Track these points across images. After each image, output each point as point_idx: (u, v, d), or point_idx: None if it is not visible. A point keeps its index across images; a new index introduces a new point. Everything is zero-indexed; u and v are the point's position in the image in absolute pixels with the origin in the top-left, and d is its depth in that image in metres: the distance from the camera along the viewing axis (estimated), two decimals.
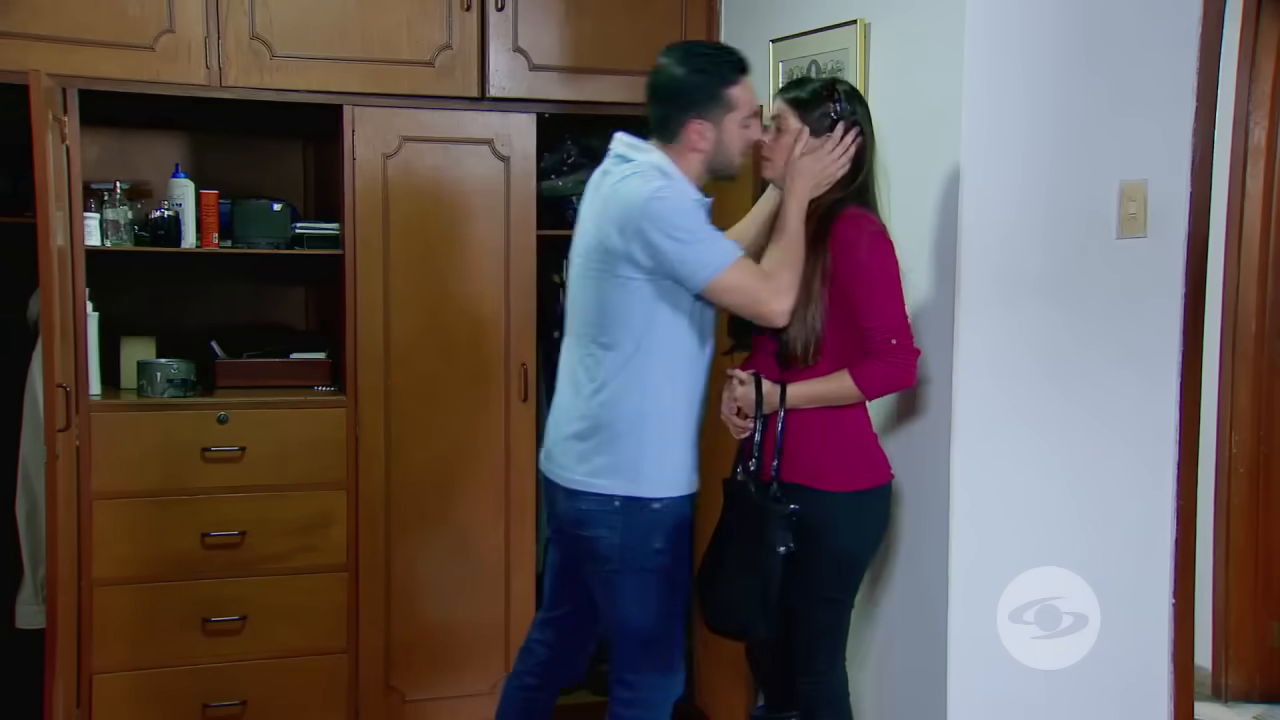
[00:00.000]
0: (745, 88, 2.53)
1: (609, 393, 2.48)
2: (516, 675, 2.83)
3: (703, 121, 2.49)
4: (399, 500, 3.42)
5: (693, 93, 2.49)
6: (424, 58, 3.33)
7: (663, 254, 2.39)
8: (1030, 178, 2.70)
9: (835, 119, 2.55)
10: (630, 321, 2.45)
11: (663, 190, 2.42)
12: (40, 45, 2.95)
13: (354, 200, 3.31)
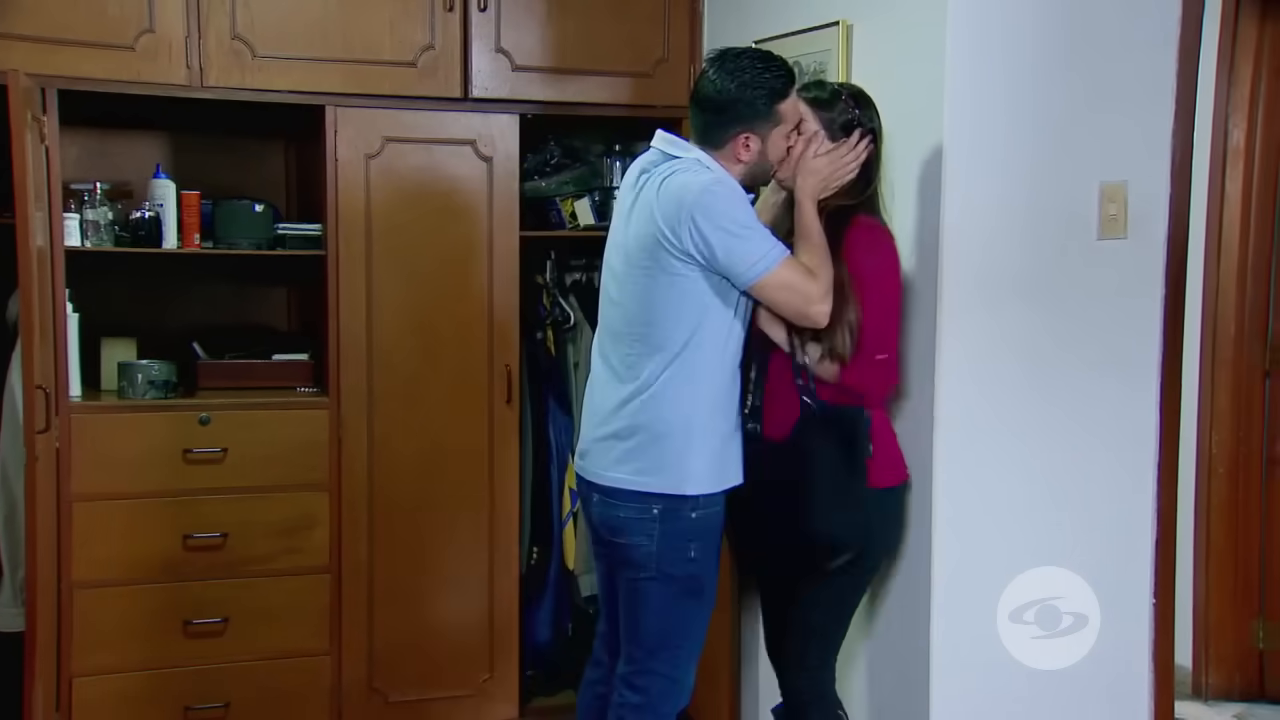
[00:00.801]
0: (793, 101, 2.53)
1: (654, 391, 2.46)
2: (589, 684, 2.80)
3: (751, 135, 2.48)
4: (382, 502, 3.41)
5: (743, 107, 2.47)
6: (406, 58, 3.32)
7: (715, 247, 2.38)
8: (1011, 179, 2.70)
9: (853, 123, 2.59)
10: (681, 318, 2.44)
11: (715, 184, 2.42)
12: (19, 45, 2.93)
13: (336, 201, 3.30)
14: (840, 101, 2.60)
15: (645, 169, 2.55)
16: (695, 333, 2.44)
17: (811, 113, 2.59)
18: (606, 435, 2.53)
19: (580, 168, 3.75)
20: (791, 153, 2.56)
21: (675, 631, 2.55)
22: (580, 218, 3.69)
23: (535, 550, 3.68)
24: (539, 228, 3.61)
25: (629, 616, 2.57)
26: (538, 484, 3.67)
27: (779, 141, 2.52)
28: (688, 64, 3.56)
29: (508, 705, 3.57)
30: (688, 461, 2.46)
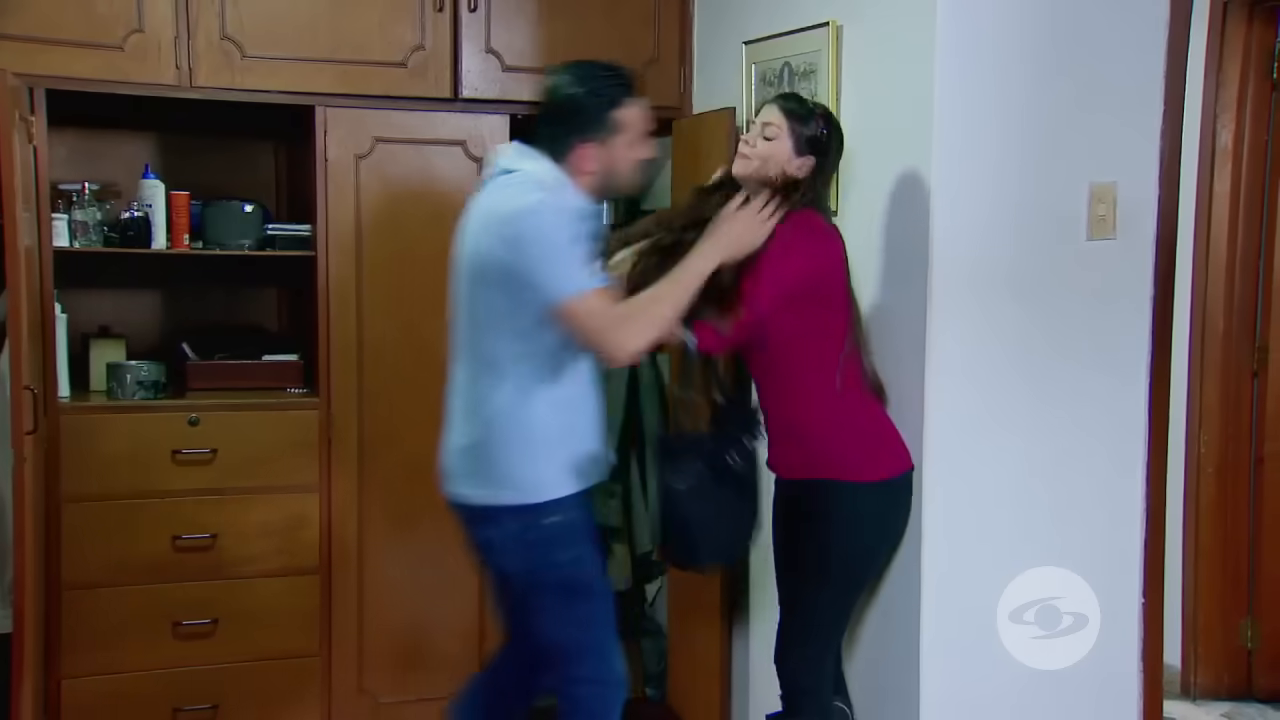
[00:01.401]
0: (634, 109, 2.51)
1: (492, 406, 2.46)
2: (476, 684, 2.83)
3: (589, 144, 2.47)
4: (372, 503, 3.41)
5: (580, 115, 2.46)
6: (396, 58, 3.32)
7: (525, 268, 2.36)
8: (1001, 180, 2.71)
9: (820, 141, 2.61)
10: (507, 333, 2.43)
11: (538, 204, 2.38)
12: (7, 44, 2.92)
13: (326, 201, 3.30)
14: (814, 118, 2.62)
15: (486, 183, 2.56)
16: (526, 347, 2.43)
17: (788, 122, 2.61)
18: (455, 453, 2.55)
19: None
20: (758, 156, 2.59)
21: (575, 637, 2.54)
22: None
23: None
24: None
25: (530, 632, 2.59)
26: None
27: (622, 152, 2.51)
28: (678, 64, 3.57)
29: None
30: (530, 471, 2.46)
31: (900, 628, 2.73)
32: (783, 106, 2.64)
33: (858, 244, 2.89)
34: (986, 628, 2.74)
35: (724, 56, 3.41)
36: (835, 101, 2.93)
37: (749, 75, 3.27)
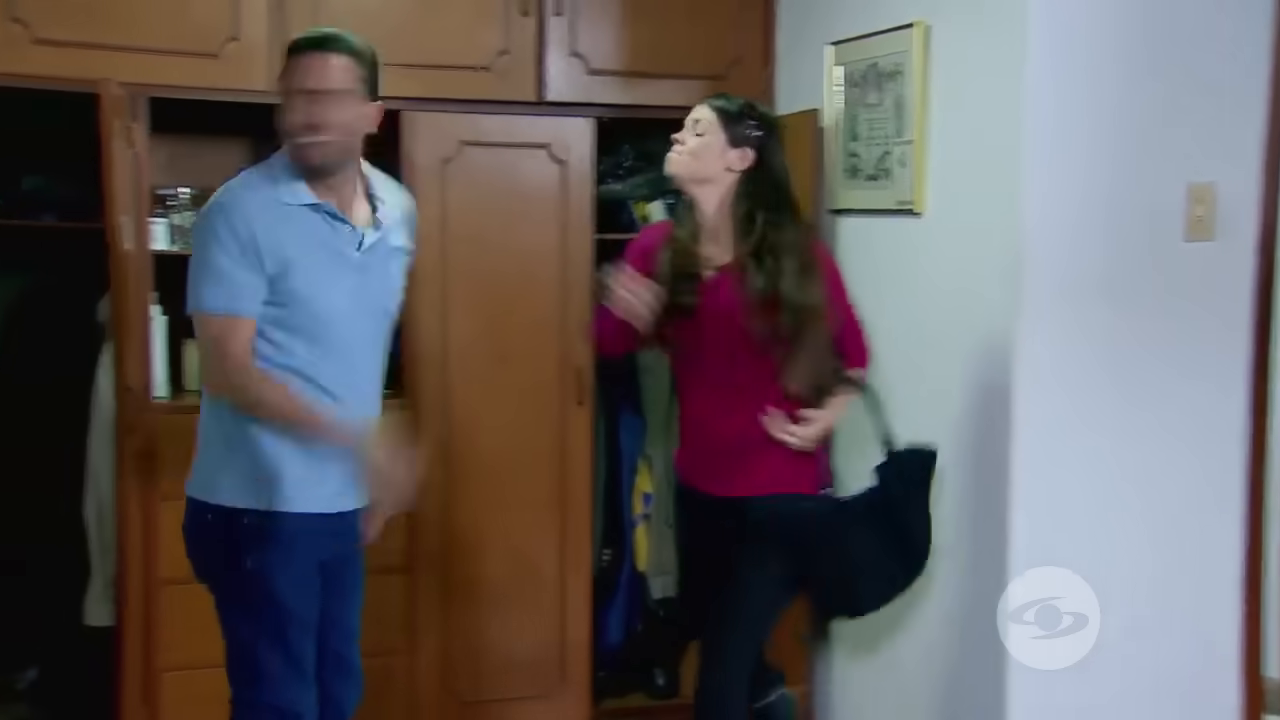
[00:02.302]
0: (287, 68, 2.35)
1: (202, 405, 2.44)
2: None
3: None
4: (456, 503, 3.43)
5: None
6: (482, 63, 3.35)
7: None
8: (1094, 180, 2.67)
9: (754, 138, 2.61)
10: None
11: (211, 205, 2.31)
12: (111, 55, 2.99)
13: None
14: (745, 116, 2.63)
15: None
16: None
17: (719, 121, 2.62)
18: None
19: (654, 170, 3.74)
20: (689, 153, 2.62)
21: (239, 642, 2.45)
22: (653, 220, 3.69)
23: (607, 552, 3.69)
24: (612, 230, 3.61)
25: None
26: (609, 485, 3.69)
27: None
28: (762, 66, 3.56)
29: (579, 706, 3.58)
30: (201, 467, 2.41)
31: (985, 637, 2.70)
32: (711, 104, 2.67)
33: (945, 244, 2.88)
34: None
35: (808, 58, 3.39)
36: (922, 103, 2.92)
37: (834, 77, 3.26)
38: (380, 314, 2.47)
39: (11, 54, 2.97)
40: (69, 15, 3.00)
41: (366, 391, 2.43)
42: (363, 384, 2.42)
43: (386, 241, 2.44)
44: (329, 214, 2.33)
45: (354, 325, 2.36)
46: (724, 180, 2.62)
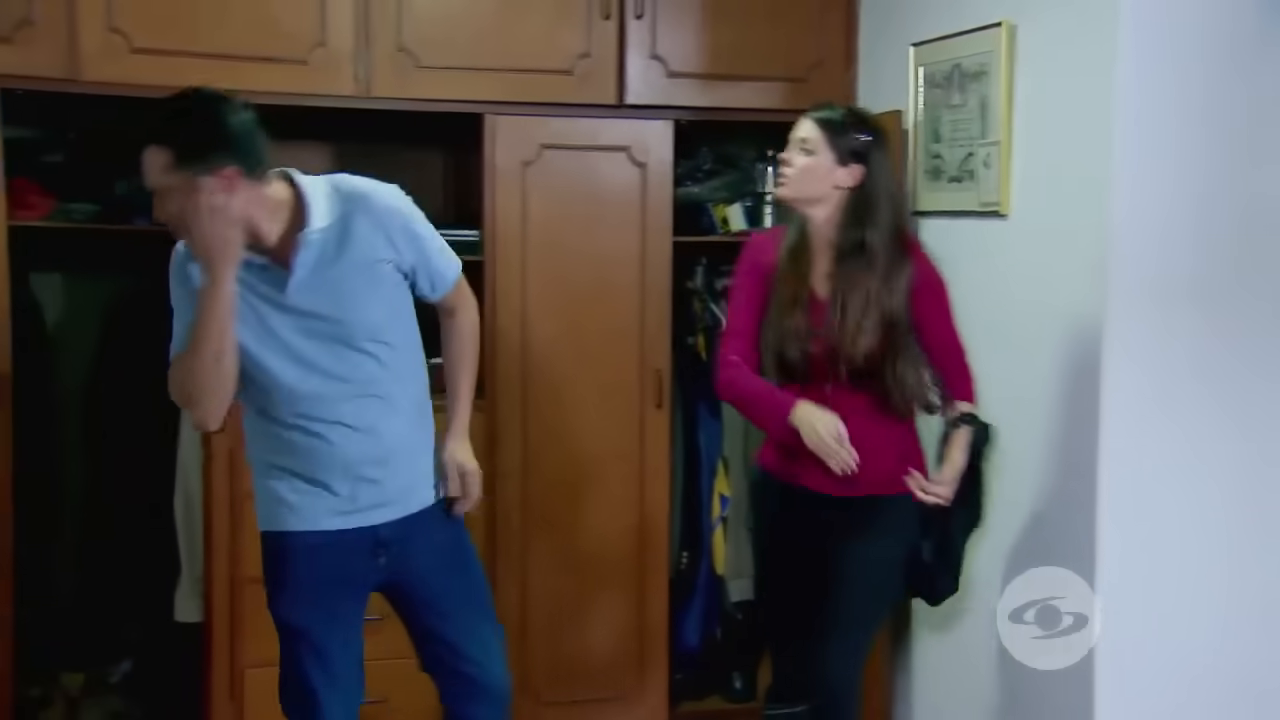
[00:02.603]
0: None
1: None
2: None
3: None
4: (535, 504, 3.46)
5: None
6: (563, 66, 3.37)
7: None
8: (1185, 181, 2.63)
9: (860, 151, 2.56)
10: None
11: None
12: (200, 62, 3.05)
13: (494, 208, 3.36)
14: (850, 126, 2.59)
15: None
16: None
17: (823, 136, 2.59)
18: None
19: (733, 173, 3.75)
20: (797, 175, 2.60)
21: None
22: (732, 223, 3.69)
23: (685, 554, 3.69)
24: (691, 233, 3.62)
25: None
26: (687, 488, 3.69)
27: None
28: (843, 68, 3.54)
29: (656, 709, 3.58)
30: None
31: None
32: (815, 118, 2.61)
33: (1031, 248, 2.85)
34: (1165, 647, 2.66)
35: (890, 59, 3.37)
36: (1008, 103, 2.89)
37: (917, 78, 3.23)
38: (354, 338, 2.30)
39: (112, 63, 3.05)
40: (164, 25, 3.07)
41: (370, 416, 2.33)
42: (356, 411, 2.32)
43: (337, 264, 2.27)
44: (246, 264, 2.23)
45: (313, 362, 2.28)
46: (834, 197, 2.59)
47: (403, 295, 2.40)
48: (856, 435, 2.55)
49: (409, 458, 2.41)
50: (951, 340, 2.64)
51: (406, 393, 2.40)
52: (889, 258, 2.56)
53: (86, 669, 3.56)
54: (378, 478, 2.36)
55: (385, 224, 2.33)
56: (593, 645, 3.53)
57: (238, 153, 2.15)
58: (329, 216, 2.27)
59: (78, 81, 3.03)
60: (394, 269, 2.35)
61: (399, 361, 2.38)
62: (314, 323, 2.27)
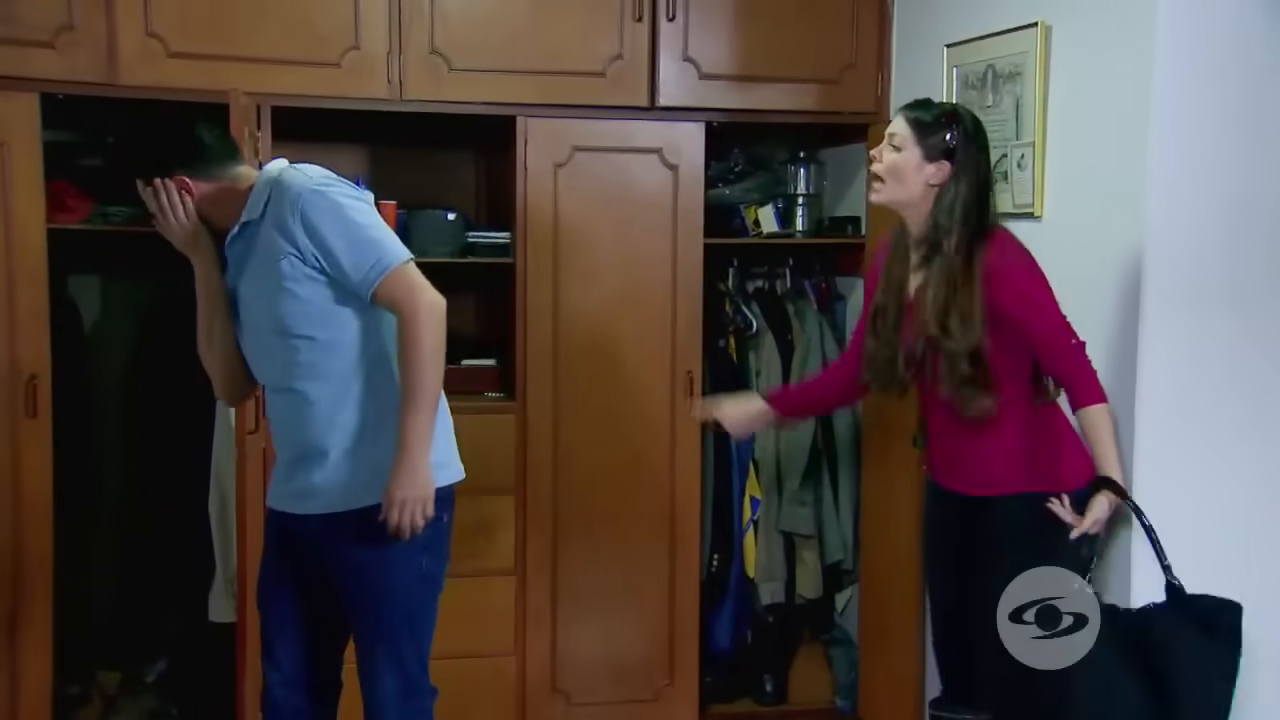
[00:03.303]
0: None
1: None
2: None
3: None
4: (565, 505, 3.46)
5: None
6: (595, 68, 3.37)
7: None
8: (1220, 184, 2.60)
9: (950, 149, 2.52)
10: None
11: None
12: (238, 65, 3.09)
13: (525, 209, 3.37)
14: (943, 125, 2.53)
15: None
16: None
17: (912, 134, 2.54)
18: None
19: (764, 175, 3.75)
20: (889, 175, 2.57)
21: None
22: (763, 225, 3.69)
23: (716, 557, 3.68)
24: (722, 235, 3.62)
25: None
26: (718, 490, 3.68)
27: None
28: (876, 69, 3.52)
29: (687, 711, 3.58)
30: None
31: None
32: (906, 115, 2.58)
33: (1066, 251, 2.82)
34: None
35: (924, 60, 3.35)
36: (1042, 104, 2.87)
37: (950, 79, 3.21)
38: (270, 329, 2.33)
39: (149, 68, 3.09)
40: (201, 29, 3.11)
41: (283, 407, 2.38)
42: (275, 398, 2.41)
43: (250, 255, 2.33)
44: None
45: (250, 344, 2.42)
46: (927, 196, 2.54)
47: (321, 291, 2.27)
48: (954, 435, 2.55)
49: (319, 458, 2.33)
50: (1042, 337, 2.50)
51: (326, 391, 2.31)
52: (966, 254, 2.50)
53: (123, 668, 3.61)
54: (294, 468, 2.37)
55: (284, 213, 2.25)
56: (623, 647, 3.53)
57: (185, 161, 2.34)
58: (258, 210, 2.31)
59: (116, 86, 3.08)
60: (295, 263, 2.24)
61: (322, 359, 2.30)
62: (247, 313, 2.39)
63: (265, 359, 2.39)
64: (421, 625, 2.42)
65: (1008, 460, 2.56)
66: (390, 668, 2.38)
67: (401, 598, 2.37)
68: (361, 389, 2.33)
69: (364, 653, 2.40)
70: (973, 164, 2.54)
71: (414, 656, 2.40)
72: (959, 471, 2.63)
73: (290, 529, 2.42)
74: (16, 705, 3.10)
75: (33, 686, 3.10)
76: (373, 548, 2.29)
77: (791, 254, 3.85)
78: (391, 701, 2.39)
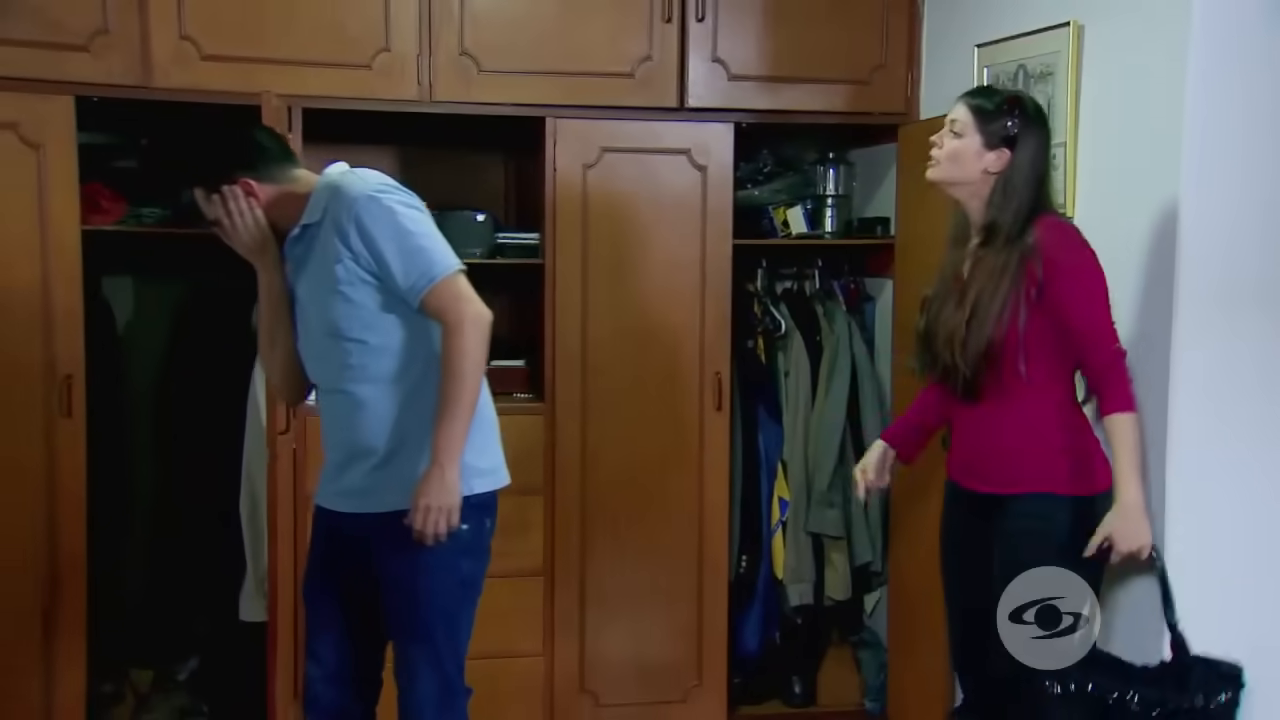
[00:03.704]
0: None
1: None
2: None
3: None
4: (594, 506, 3.47)
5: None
6: (624, 69, 3.37)
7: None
8: (1252, 185, 2.58)
9: (1010, 136, 2.49)
10: None
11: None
12: (270, 68, 3.11)
13: (554, 210, 3.38)
14: (1004, 113, 2.50)
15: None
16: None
17: (974, 121, 2.52)
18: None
19: (793, 176, 3.74)
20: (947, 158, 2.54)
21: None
22: (792, 226, 3.68)
23: (744, 558, 3.67)
24: (750, 236, 3.61)
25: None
26: (747, 492, 3.67)
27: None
28: (906, 69, 3.51)
29: (715, 712, 3.57)
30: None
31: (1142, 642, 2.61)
32: (969, 102, 2.55)
33: (1098, 251, 2.78)
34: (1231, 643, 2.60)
35: (954, 60, 3.33)
36: (1074, 104, 2.85)
37: (981, 79, 3.19)
38: (325, 331, 2.38)
39: (183, 70, 3.12)
40: (233, 32, 3.13)
41: (336, 408, 2.41)
42: (329, 399, 2.44)
43: (309, 257, 2.38)
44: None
45: (306, 344, 2.45)
46: (986, 183, 2.52)
47: (373, 297, 2.31)
48: (980, 428, 2.54)
49: (366, 458, 2.37)
50: (1082, 328, 2.43)
51: (375, 394, 2.35)
52: (1012, 241, 2.47)
53: (156, 666, 3.64)
54: (343, 468, 2.41)
55: (341, 217, 2.29)
56: (651, 648, 3.53)
57: (248, 164, 2.37)
58: (317, 212, 2.35)
59: (150, 88, 3.10)
60: (351, 267, 2.29)
61: (373, 362, 2.34)
62: (303, 314, 2.43)
63: (318, 360, 2.43)
64: (459, 627, 2.44)
65: (1036, 456, 2.51)
66: (428, 668, 2.40)
67: (441, 600, 2.40)
68: (410, 393, 2.36)
69: (401, 652, 2.42)
70: (1031, 151, 2.51)
71: (451, 658, 2.42)
72: (979, 470, 2.60)
73: (338, 527, 2.46)
74: (51, 703, 3.14)
75: (67, 684, 3.14)
76: (415, 550, 2.31)
77: (820, 255, 3.84)
78: (428, 702, 2.41)
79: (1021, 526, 2.51)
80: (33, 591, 3.11)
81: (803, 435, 3.65)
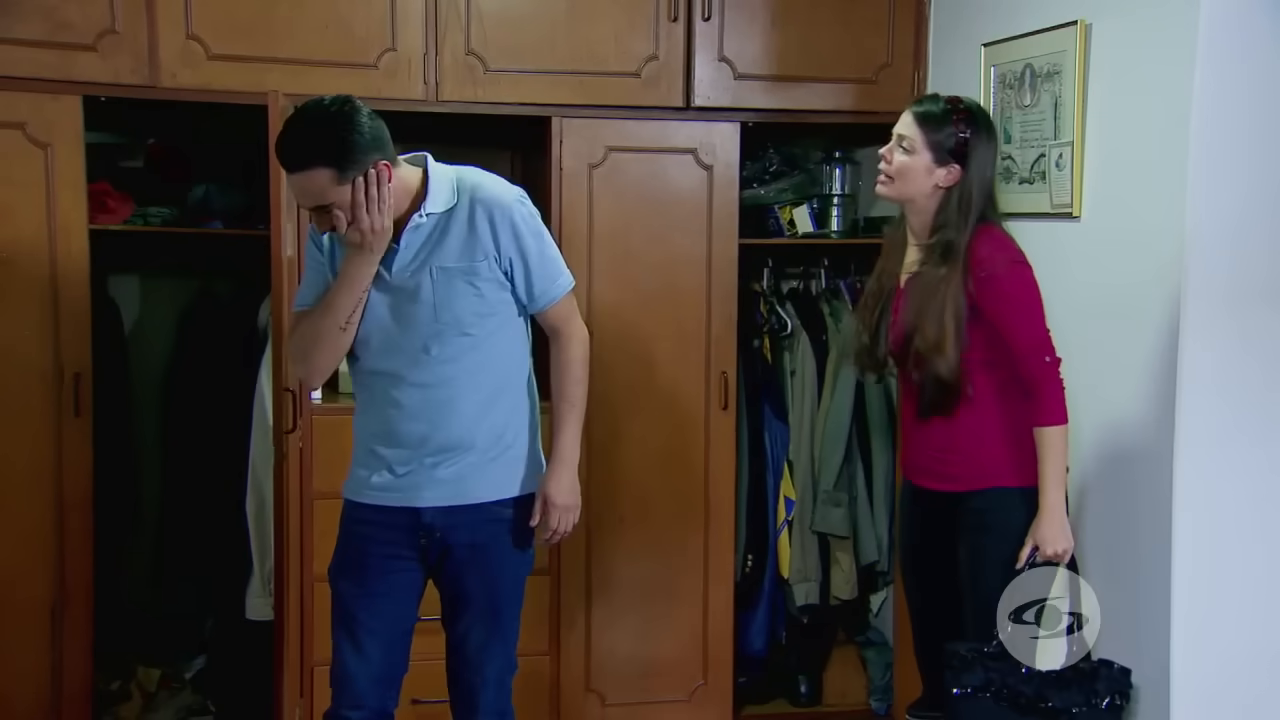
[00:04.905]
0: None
1: None
2: None
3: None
4: (599, 505, 3.46)
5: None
6: (631, 69, 3.37)
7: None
8: (1261, 184, 2.58)
9: (958, 150, 2.52)
10: None
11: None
12: (277, 67, 3.12)
13: (560, 210, 3.38)
14: (951, 121, 2.53)
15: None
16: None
17: (920, 131, 2.54)
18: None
19: (799, 175, 3.74)
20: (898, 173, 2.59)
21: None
22: (798, 225, 3.68)
23: (750, 558, 3.67)
24: (757, 235, 3.61)
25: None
26: (753, 491, 3.67)
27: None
28: (912, 68, 3.51)
29: (721, 712, 3.58)
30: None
31: (1150, 642, 2.63)
32: (914, 112, 2.56)
33: (1105, 251, 2.80)
34: (1242, 657, 2.60)
35: (961, 59, 3.33)
36: (1081, 103, 2.85)
37: (988, 78, 3.19)
38: (435, 324, 2.38)
39: (190, 70, 3.12)
40: (240, 31, 3.14)
41: (434, 402, 2.40)
42: (422, 393, 2.40)
43: (438, 249, 2.38)
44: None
45: (394, 338, 2.40)
46: (935, 195, 2.56)
47: (498, 294, 2.41)
48: (930, 427, 2.57)
49: (464, 450, 2.42)
50: (1013, 342, 2.51)
51: (477, 386, 2.42)
52: (949, 256, 2.52)
53: (162, 664, 3.64)
54: (430, 461, 2.42)
55: (491, 218, 2.39)
56: (657, 647, 3.53)
57: (381, 146, 2.32)
58: (443, 204, 2.40)
59: (157, 88, 3.11)
60: (492, 265, 2.39)
61: (478, 356, 2.41)
62: (405, 303, 2.39)
63: (407, 351, 2.40)
64: (520, 609, 2.60)
65: (986, 453, 2.57)
66: (501, 648, 2.54)
67: (514, 587, 2.55)
68: (500, 390, 2.46)
69: (479, 635, 2.51)
70: (981, 164, 2.55)
71: (515, 638, 2.59)
72: (936, 469, 2.63)
73: (396, 522, 2.46)
74: (58, 700, 3.15)
75: (74, 682, 3.15)
76: (501, 539, 2.47)
77: (826, 254, 3.83)
78: (495, 677, 2.55)
79: (982, 521, 2.57)
80: (40, 589, 3.12)
81: (809, 435, 3.64)
